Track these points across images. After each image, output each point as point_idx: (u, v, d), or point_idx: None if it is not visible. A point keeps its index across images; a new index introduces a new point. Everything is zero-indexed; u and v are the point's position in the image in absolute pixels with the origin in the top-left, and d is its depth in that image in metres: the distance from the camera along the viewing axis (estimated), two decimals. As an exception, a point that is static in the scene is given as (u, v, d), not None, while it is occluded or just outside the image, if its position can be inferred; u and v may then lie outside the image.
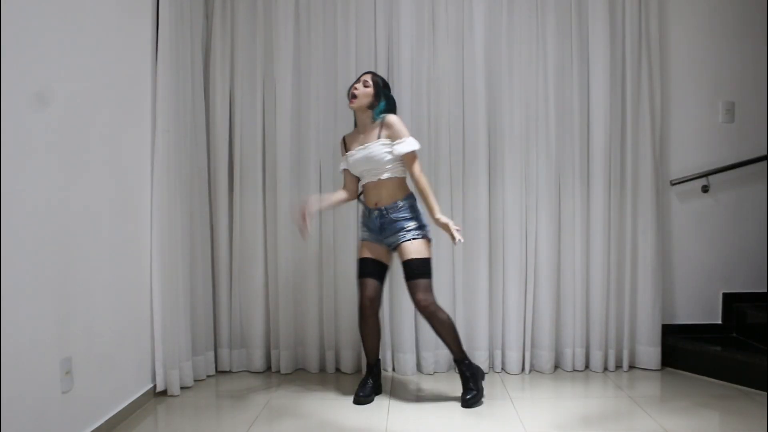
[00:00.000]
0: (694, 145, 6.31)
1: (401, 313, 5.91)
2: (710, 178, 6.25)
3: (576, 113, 5.99)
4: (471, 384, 5.21)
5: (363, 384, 5.35)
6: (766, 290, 6.33)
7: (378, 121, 5.20)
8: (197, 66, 5.71)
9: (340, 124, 5.87)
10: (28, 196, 3.63)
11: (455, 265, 5.96)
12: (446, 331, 5.19)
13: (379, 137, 5.15)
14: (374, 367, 5.41)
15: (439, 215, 5.03)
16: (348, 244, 5.95)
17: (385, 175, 5.15)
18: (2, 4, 3.39)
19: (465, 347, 5.52)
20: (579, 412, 5.01)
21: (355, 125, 5.40)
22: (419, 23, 5.92)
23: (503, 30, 5.95)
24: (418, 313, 5.35)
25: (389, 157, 5.11)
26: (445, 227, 5.01)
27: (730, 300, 6.36)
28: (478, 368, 5.37)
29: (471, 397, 5.16)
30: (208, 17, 5.93)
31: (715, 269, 6.37)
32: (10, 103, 3.44)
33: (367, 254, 5.26)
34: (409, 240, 5.10)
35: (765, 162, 6.26)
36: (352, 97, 5.19)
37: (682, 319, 6.35)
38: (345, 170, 5.40)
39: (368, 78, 5.23)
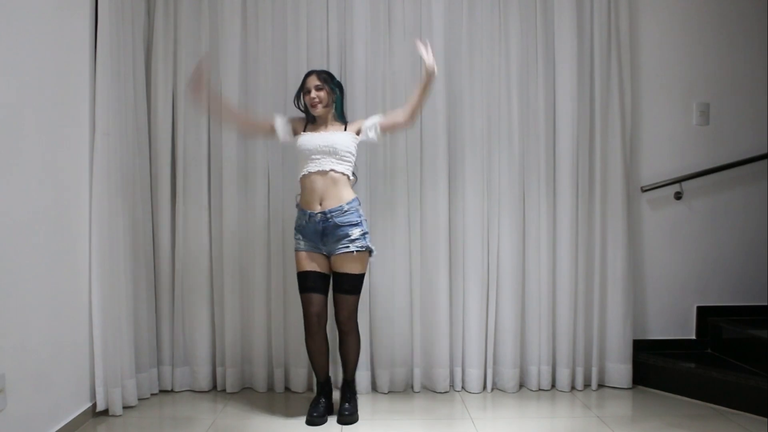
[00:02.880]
0: (666, 150, 6.55)
1: (356, 328, 6.05)
2: (684, 184, 6.48)
3: (541, 115, 6.20)
4: (352, 400, 5.61)
5: (315, 404, 5.51)
6: (742, 303, 6.58)
7: (342, 122, 5.67)
8: (138, 65, 5.84)
9: (290, 127, 6.00)
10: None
11: (413, 276, 6.14)
12: (356, 350, 5.61)
13: (345, 130, 5.59)
14: (325, 385, 5.60)
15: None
16: (298, 255, 6.06)
17: (340, 167, 5.39)
18: None
19: (423, 364, 5.93)
20: (544, 434, 5.27)
21: (309, 121, 5.66)
22: (374, 21, 6.12)
23: (463, 27, 6.16)
24: (373, 324, 5.82)
25: (353, 149, 5.50)
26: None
27: (704, 314, 6.60)
28: None
29: (350, 414, 5.48)
30: (149, 13, 6.04)
31: (689, 281, 6.61)
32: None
33: (307, 267, 5.43)
34: (353, 252, 5.35)
35: (741, 167, 6.50)
36: (314, 105, 5.49)
37: (655, 334, 6.59)
38: (272, 126, 5.68)
39: (316, 80, 5.52)
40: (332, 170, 5.35)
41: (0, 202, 4.16)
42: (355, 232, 5.34)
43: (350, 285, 5.38)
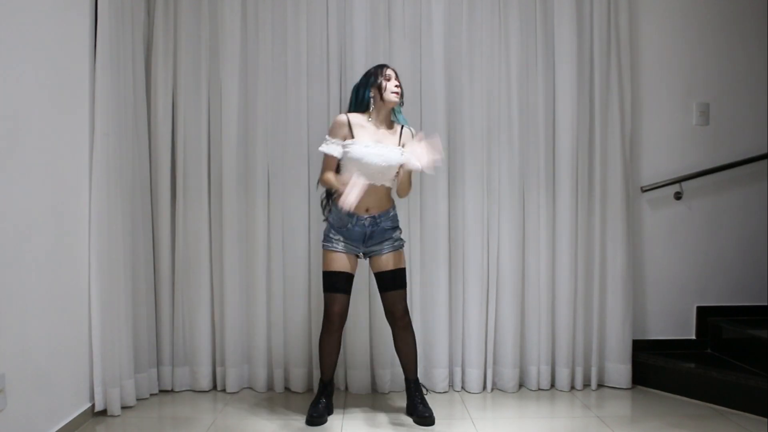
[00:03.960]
0: (666, 150, 6.54)
1: (356, 328, 6.08)
2: (683, 184, 6.47)
3: (541, 115, 6.20)
4: (426, 402, 5.50)
5: (315, 403, 5.51)
6: (742, 303, 6.58)
7: (399, 127, 5.54)
8: (138, 65, 5.83)
9: (291, 126, 6.09)
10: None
11: (412, 276, 6.07)
12: (414, 346, 5.54)
13: (399, 145, 5.44)
14: (328, 385, 5.58)
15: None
16: (298, 254, 6.15)
17: (389, 183, 5.41)
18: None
19: (422, 364, 5.88)
20: (544, 433, 5.28)
21: (358, 110, 5.52)
22: (374, 21, 6.12)
23: (463, 27, 6.16)
24: (373, 324, 5.90)
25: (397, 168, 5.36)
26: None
27: (704, 314, 6.59)
28: None
29: (430, 415, 5.38)
30: (149, 12, 6.03)
31: (689, 281, 6.61)
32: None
33: (340, 267, 5.40)
34: (397, 250, 5.46)
35: (741, 167, 6.49)
36: (397, 93, 5.39)
37: (654, 334, 6.59)
38: (331, 158, 5.45)
39: (395, 75, 5.47)
40: (383, 185, 5.36)
41: (1, 202, 4.16)
42: (397, 233, 5.50)
43: (401, 279, 5.45)
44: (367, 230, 5.36)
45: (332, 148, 5.40)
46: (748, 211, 6.58)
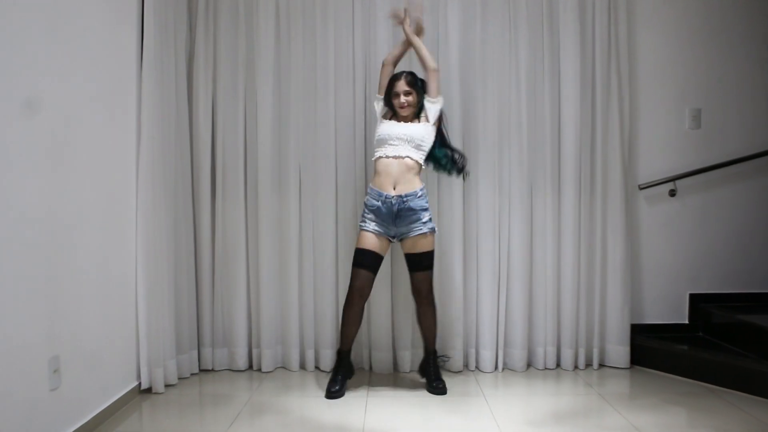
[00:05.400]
0: (661, 151, 6.43)
1: (378, 312, 6.01)
2: (677, 182, 6.36)
3: (547, 121, 6.09)
4: (440, 373, 5.61)
5: (334, 380, 5.45)
6: (731, 291, 6.49)
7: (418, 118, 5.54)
8: (181, 74, 5.76)
9: (320, 129, 5.98)
10: (17, 200, 3.69)
11: None
12: (435, 320, 5.56)
13: (419, 121, 5.51)
14: (345, 357, 5.48)
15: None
16: (327, 246, 6.04)
17: (415, 155, 5.35)
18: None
19: (439, 346, 5.79)
20: (550, 409, 5.13)
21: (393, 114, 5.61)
22: (395, 34, 5.95)
23: (477, 41, 6.04)
24: (395, 308, 5.96)
25: (429, 140, 5.45)
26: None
27: (696, 300, 6.49)
28: None
29: (443, 385, 5.48)
30: (191, 27, 5.95)
31: (682, 270, 6.50)
32: (-2, 110, 3.49)
33: (368, 246, 5.35)
34: (426, 233, 5.34)
35: (730, 167, 6.39)
36: (403, 107, 5.42)
37: (650, 318, 6.47)
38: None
39: (405, 85, 5.45)
40: (408, 157, 5.30)
41: (58, 198, 4.12)
42: (426, 216, 5.33)
43: (428, 261, 5.40)
44: (394, 208, 5.26)
45: (378, 105, 5.67)
46: (736, 207, 6.48)
